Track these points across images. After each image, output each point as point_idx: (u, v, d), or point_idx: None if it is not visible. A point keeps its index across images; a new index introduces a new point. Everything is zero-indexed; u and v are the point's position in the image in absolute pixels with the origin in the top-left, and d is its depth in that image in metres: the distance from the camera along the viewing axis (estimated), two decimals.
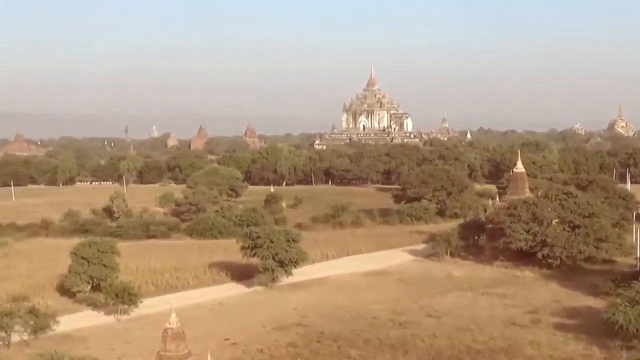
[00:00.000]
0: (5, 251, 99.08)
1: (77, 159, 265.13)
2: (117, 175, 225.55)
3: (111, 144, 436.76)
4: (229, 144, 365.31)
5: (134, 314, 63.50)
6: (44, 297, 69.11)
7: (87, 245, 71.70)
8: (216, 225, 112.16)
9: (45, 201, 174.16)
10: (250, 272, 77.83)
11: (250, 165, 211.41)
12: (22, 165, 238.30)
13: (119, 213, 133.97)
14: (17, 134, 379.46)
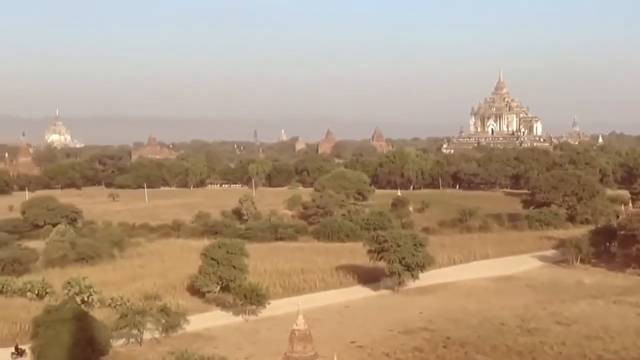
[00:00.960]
0: (138, 251, 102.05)
1: (208, 162, 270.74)
2: (247, 178, 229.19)
3: (241, 148, 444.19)
4: (356, 147, 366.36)
5: (261, 315, 64.26)
6: (175, 296, 70.70)
7: (217, 246, 72.93)
8: (343, 228, 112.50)
9: (177, 203, 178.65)
10: (376, 275, 77.75)
11: (377, 169, 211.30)
12: (155, 167, 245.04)
13: (248, 215, 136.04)
14: (150, 138, 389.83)
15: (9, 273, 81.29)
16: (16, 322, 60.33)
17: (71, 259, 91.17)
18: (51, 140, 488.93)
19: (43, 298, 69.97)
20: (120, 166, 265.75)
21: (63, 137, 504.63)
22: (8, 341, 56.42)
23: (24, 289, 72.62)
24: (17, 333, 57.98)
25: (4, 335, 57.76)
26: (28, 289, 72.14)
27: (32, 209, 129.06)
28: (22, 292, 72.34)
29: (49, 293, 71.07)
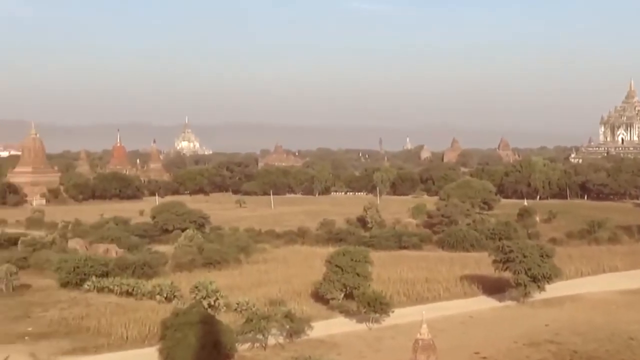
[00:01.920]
0: (264, 257, 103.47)
1: (333, 170, 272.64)
2: (371, 186, 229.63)
3: (366, 156, 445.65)
4: (481, 156, 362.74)
5: (385, 323, 64.11)
6: (299, 302, 71.23)
7: (341, 253, 73.19)
8: (468, 237, 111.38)
9: (302, 210, 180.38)
10: (501, 286, 76.54)
11: (503, 179, 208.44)
12: (281, 174, 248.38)
13: (373, 223, 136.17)
14: (277, 145, 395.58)
15: (139, 276, 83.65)
16: (145, 324, 61.92)
17: (199, 264, 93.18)
18: (181, 147, 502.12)
19: (171, 301, 71.66)
20: (247, 173, 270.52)
21: (192, 144, 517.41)
22: (138, 342, 58.04)
23: (153, 291, 74.59)
24: (146, 335, 59.55)
25: (133, 336, 59.41)
26: (157, 292, 74.07)
27: (162, 214, 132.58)
28: (152, 294, 74.31)
29: (177, 296, 72.74)
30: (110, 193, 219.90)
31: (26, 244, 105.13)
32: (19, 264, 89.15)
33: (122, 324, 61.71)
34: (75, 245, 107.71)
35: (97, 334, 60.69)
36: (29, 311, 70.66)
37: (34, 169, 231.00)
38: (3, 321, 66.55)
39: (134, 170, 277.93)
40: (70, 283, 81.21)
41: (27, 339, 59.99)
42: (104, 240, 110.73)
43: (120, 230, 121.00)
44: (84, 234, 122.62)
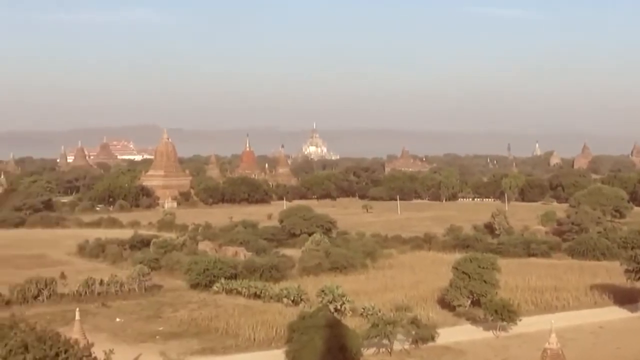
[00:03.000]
0: (390, 262, 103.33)
1: (460, 176, 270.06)
2: (499, 192, 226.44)
3: (494, 162, 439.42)
4: (613, 163, 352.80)
5: (512, 332, 63.11)
6: (425, 308, 70.89)
7: (468, 260, 72.53)
8: (599, 246, 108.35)
9: (429, 215, 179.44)
10: (634, 296, 74.17)
11: (636, 186, 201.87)
12: (408, 180, 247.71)
13: (500, 230, 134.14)
14: (404, 150, 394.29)
15: (267, 279, 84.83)
16: (272, 326, 62.75)
17: (325, 268, 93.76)
18: (308, 152, 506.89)
19: (298, 304, 72.39)
20: (374, 178, 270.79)
21: (320, 149, 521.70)
22: (265, 344, 58.90)
23: (280, 294, 75.53)
24: (273, 337, 60.33)
25: (261, 338, 60.29)
26: (284, 295, 74.98)
27: (290, 218, 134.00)
28: (279, 297, 75.26)
29: (304, 300, 73.46)
30: (239, 197, 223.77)
31: (158, 245, 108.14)
32: (151, 265, 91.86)
33: (250, 326, 62.75)
34: (205, 248, 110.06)
35: (225, 335, 61.91)
36: (160, 311, 72.67)
37: (166, 172, 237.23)
38: (136, 320, 68.66)
39: (262, 174, 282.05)
40: (200, 284, 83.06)
41: (158, 338, 61.71)
42: (233, 243, 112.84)
43: (248, 234, 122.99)
44: (214, 236, 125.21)
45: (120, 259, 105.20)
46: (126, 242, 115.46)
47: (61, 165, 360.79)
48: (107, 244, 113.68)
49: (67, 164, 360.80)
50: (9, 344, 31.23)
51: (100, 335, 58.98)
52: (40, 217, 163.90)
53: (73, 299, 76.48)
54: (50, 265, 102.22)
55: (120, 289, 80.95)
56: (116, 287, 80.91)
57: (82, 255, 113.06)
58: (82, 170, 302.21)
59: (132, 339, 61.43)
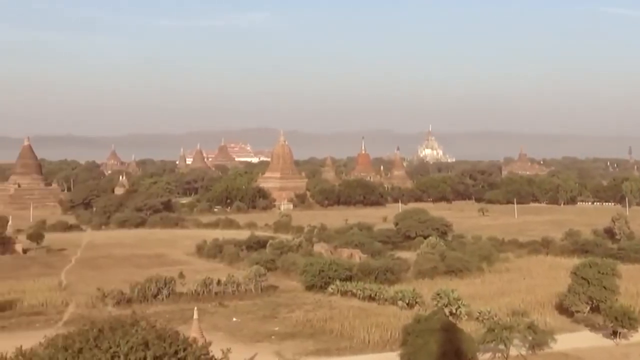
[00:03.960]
0: (506, 266, 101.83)
1: (579, 179, 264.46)
2: (619, 196, 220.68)
3: (614, 165, 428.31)
4: None
5: (633, 339, 61.33)
6: (542, 313, 69.61)
7: (587, 265, 70.87)
8: None
9: (546, 220, 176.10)
10: None
11: None
12: (525, 183, 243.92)
13: (621, 235, 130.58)
14: (521, 153, 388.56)
15: (381, 281, 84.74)
16: (387, 329, 62.66)
17: (440, 271, 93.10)
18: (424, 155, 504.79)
19: (413, 307, 72.11)
20: (490, 181, 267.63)
21: (435, 151, 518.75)
22: (379, 346, 58.86)
23: (395, 297, 75.36)
24: (388, 339, 60.24)
25: (375, 340, 60.28)
26: (399, 297, 74.77)
27: (405, 221, 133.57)
28: (394, 300, 75.10)
29: (419, 303, 73.12)
30: (354, 199, 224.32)
31: (274, 246, 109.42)
32: (267, 265, 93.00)
33: (365, 328, 62.82)
34: (321, 250, 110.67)
35: (340, 337, 62.14)
36: (276, 312, 73.46)
37: (282, 174, 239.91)
38: (252, 320, 69.62)
39: (377, 177, 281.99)
40: (315, 286, 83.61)
41: (273, 338, 62.41)
42: (348, 245, 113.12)
43: (364, 236, 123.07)
44: (329, 238, 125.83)
45: (237, 260, 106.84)
46: (243, 243, 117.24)
47: (180, 167, 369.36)
48: (224, 245, 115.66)
49: (186, 165, 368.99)
50: (130, 340, 32.07)
51: (217, 334, 60.08)
52: (160, 217, 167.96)
53: (191, 298, 78.11)
54: (170, 264, 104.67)
55: (237, 289, 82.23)
56: (233, 287, 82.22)
57: (200, 255, 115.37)
58: (200, 172, 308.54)
59: (248, 338, 62.32)
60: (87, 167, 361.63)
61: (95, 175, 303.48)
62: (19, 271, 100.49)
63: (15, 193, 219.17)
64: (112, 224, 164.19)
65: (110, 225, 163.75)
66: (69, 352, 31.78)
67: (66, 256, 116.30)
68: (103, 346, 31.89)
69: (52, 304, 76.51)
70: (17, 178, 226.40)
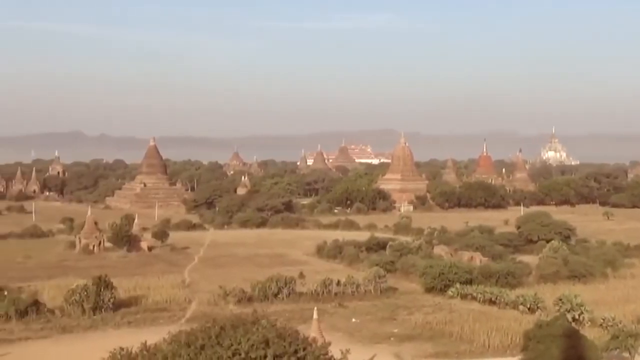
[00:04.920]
0: (632, 272, 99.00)
1: None
2: None
3: None
4: None
5: None
6: None
7: None
8: None
9: None
10: None
11: None
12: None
13: None
14: None
15: (502, 285, 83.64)
16: (507, 334, 61.91)
17: (563, 276, 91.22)
18: (547, 157, 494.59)
19: (534, 312, 70.98)
20: (616, 185, 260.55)
21: (558, 154, 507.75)
22: (499, 351, 58.23)
23: (516, 301, 74.34)
24: (508, 344, 59.47)
25: (495, 345, 59.63)
26: (520, 302, 73.71)
27: (527, 224, 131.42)
28: (515, 304, 74.09)
29: (540, 308, 71.92)
30: (475, 202, 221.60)
31: (394, 248, 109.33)
32: (386, 267, 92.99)
33: (485, 332, 62.19)
34: (441, 252, 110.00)
35: (459, 340, 61.70)
36: (395, 313, 73.44)
37: (402, 176, 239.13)
38: (371, 321, 69.80)
39: (499, 179, 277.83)
40: (434, 288, 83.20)
41: (392, 340, 62.44)
42: (468, 248, 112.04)
43: (484, 239, 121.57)
44: (449, 241, 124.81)
45: (357, 261, 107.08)
46: (363, 244, 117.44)
47: (301, 167, 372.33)
48: (344, 246, 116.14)
49: (307, 166, 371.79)
50: (251, 338, 32.57)
51: (336, 334, 60.38)
52: (281, 217, 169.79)
53: (311, 298, 78.80)
54: (290, 264, 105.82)
55: (356, 290, 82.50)
56: (352, 288, 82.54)
57: (320, 255, 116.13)
58: (321, 173, 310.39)
59: (367, 339, 62.51)
60: (210, 167, 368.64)
61: (218, 176, 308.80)
62: (144, 268, 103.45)
63: (141, 192, 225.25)
64: (234, 223, 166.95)
65: (232, 224, 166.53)
66: (191, 349, 32.54)
67: (189, 254, 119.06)
68: (224, 343, 32.52)
69: (175, 301, 78.54)
70: (143, 177, 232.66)
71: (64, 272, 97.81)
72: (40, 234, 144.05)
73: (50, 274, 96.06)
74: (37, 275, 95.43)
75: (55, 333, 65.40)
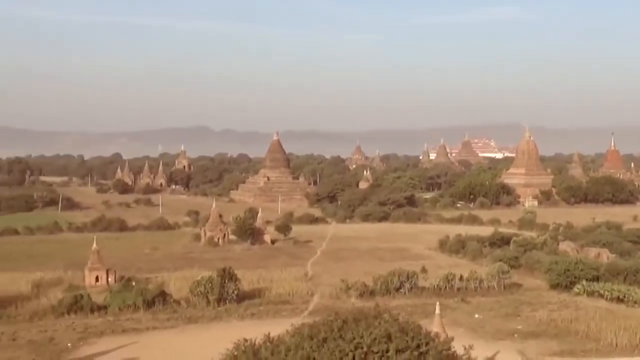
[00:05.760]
0: None
1: None
2: None
3: None
4: None
5: None
6: None
7: None
8: None
9: None
10: None
11: None
12: None
13: None
14: None
15: (630, 283, 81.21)
16: (636, 333, 60.13)
17: None
18: None
19: None
20: None
21: None
22: (627, 350, 56.61)
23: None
24: (637, 344, 57.81)
25: (623, 344, 57.98)
26: None
27: None
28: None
29: None
30: (602, 197, 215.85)
31: (518, 243, 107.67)
32: (510, 263, 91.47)
33: (612, 331, 60.52)
34: (566, 248, 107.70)
35: (585, 338, 60.29)
36: (519, 310, 72.29)
37: (527, 171, 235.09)
38: (494, 318, 68.93)
39: (627, 174, 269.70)
40: (559, 285, 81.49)
41: (515, 337, 61.52)
42: (595, 244, 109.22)
43: (612, 235, 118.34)
44: (575, 237, 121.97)
45: (480, 256, 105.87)
46: (486, 240, 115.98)
47: (423, 162, 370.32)
48: (467, 241, 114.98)
49: (429, 160, 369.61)
50: (373, 332, 32.61)
51: (459, 330, 59.93)
52: (403, 212, 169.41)
53: (433, 293, 78.36)
54: (411, 258, 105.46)
55: (479, 286, 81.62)
56: (475, 283, 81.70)
57: (443, 250, 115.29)
58: (443, 167, 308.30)
59: (489, 335, 61.79)
60: (332, 161, 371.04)
61: (340, 170, 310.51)
62: (267, 261, 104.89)
63: (265, 186, 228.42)
64: (356, 217, 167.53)
65: (354, 218, 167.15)
66: (314, 341, 32.81)
67: (312, 248, 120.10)
68: (347, 337, 32.67)
69: (298, 293, 79.32)
70: (267, 171, 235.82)
71: (190, 263, 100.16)
72: (166, 226, 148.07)
73: (176, 266, 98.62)
74: (163, 267, 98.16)
75: (181, 323, 67.03)
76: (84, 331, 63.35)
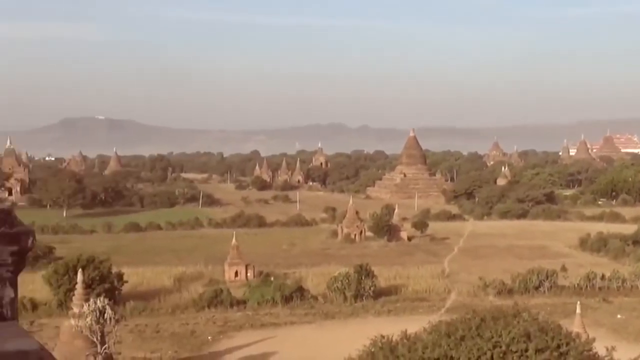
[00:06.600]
0: None
1: None
2: None
3: None
4: None
5: None
6: None
7: None
8: None
9: None
10: None
11: None
12: None
13: None
14: None
15: None
16: None
17: None
18: None
19: None
20: None
21: None
22: None
23: None
24: None
25: None
26: None
27: None
28: None
29: None
30: None
31: None
32: None
33: None
34: None
35: None
36: None
37: None
38: (637, 318, 67.36)
39: None
40: None
41: None
42: None
43: None
44: None
45: (622, 255, 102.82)
46: (629, 238, 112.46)
47: (563, 158, 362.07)
48: (608, 239, 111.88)
49: (570, 156, 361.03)
50: (512, 331, 32.28)
51: (600, 330, 58.50)
52: (542, 209, 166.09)
53: (573, 292, 76.82)
54: (551, 257, 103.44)
55: (622, 285, 79.53)
56: (618, 283, 79.62)
57: (583, 248, 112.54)
58: (584, 163, 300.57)
59: (633, 337, 60.12)
60: (469, 158, 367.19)
61: (478, 166, 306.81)
62: (403, 257, 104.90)
63: (401, 182, 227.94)
64: (494, 214, 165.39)
65: (492, 215, 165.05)
66: (451, 339, 32.73)
67: (449, 245, 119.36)
68: (485, 335, 32.44)
69: (435, 290, 79.13)
70: (403, 168, 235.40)
71: (326, 259, 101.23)
72: (304, 222, 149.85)
73: (313, 262, 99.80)
74: (301, 263, 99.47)
75: (319, 319, 67.93)
76: (224, 325, 65.07)
